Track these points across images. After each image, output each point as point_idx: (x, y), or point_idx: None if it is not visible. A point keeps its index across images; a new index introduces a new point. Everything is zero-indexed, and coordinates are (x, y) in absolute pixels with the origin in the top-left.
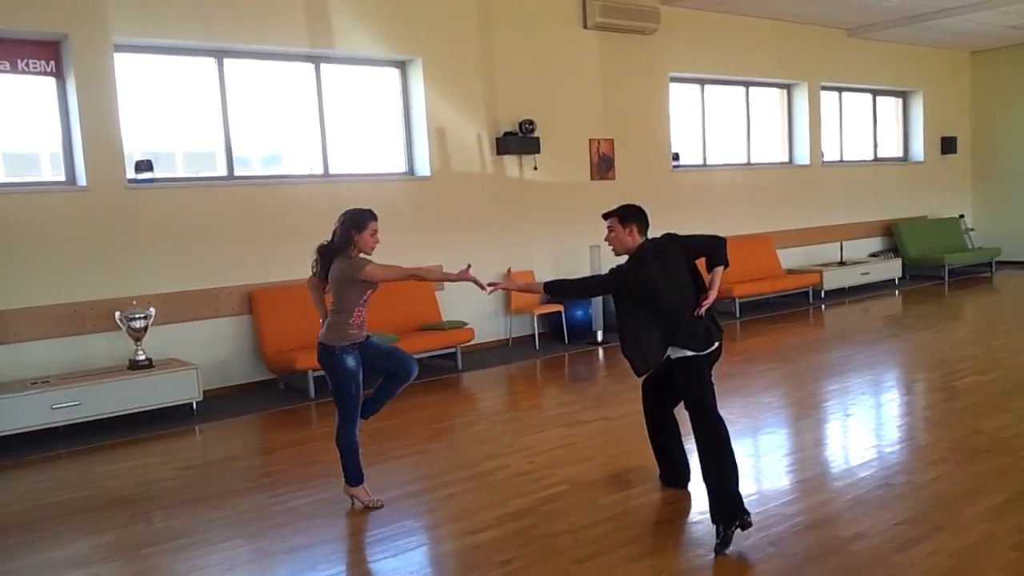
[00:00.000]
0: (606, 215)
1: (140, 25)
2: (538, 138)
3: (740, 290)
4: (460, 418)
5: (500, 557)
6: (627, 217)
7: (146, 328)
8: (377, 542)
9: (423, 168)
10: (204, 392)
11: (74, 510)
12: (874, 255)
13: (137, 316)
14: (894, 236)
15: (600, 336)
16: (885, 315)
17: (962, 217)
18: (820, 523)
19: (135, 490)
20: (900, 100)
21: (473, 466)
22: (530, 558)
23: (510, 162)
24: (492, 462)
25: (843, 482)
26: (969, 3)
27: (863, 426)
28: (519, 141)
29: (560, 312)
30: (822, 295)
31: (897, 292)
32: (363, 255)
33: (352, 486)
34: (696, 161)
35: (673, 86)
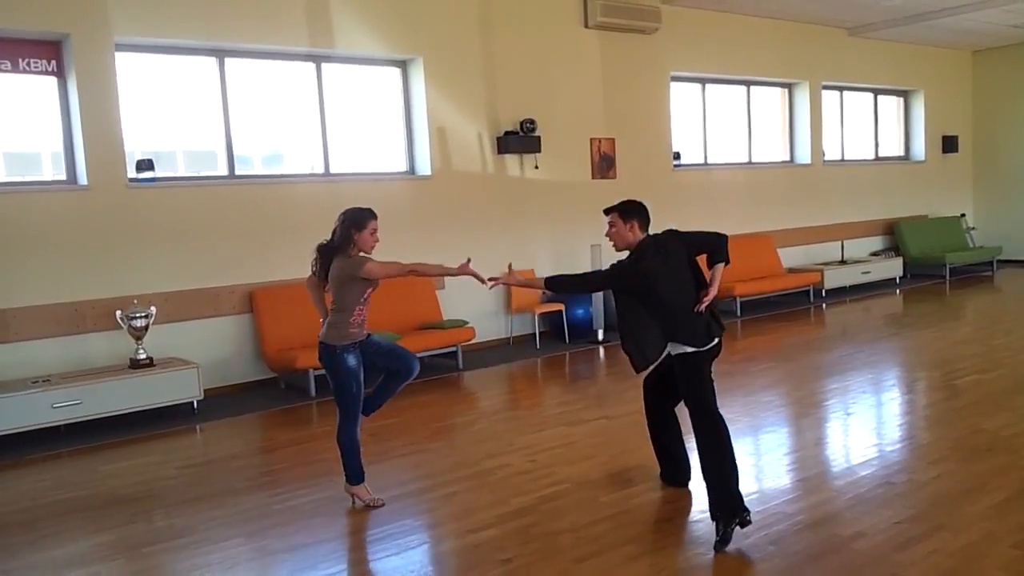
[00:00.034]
0: (607, 210)
1: (141, 24)
2: (539, 137)
3: (741, 289)
4: (461, 417)
5: (501, 556)
6: (628, 213)
7: (147, 327)
8: (378, 540)
9: (424, 167)
10: (205, 391)
11: (75, 509)
12: (875, 254)
13: (138, 315)
14: (895, 235)
15: (601, 335)
16: (886, 314)
17: (963, 216)
18: (821, 522)
19: (136, 489)
20: (901, 99)
21: (474, 465)
22: (531, 557)
23: (511, 161)
24: (493, 461)
25: (844, 481)
26: (970, 2)
27: (864, 425)
28: (520, 140)
29: (561, 311)
30: (823, 294)
31: (898, 291)
32: (363, 254)
33: (353, 485)
34: (697, 160)
35: (674, 85)
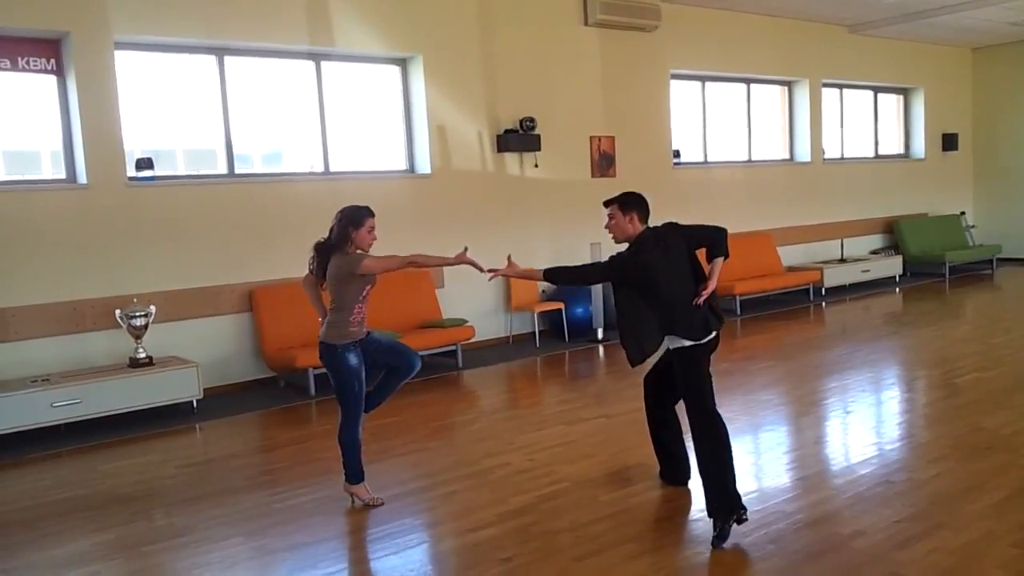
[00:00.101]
0: (607, 202)
1: (141, 23)
2: (539, 135)
3: (741, 287)
4: (460, 416)
5: (500, 555)
6: (628, 204)
7: (146, 326)
8: (378, 540)
9: (424, 166)
10: (204, 390)
11: (75, 508)
12: (875, 252)
13: (137, 314)
14: (895, 233)
15: (600, 334)
16: (886, 312)
17: (963, 214)
18: (820, 520)
19: (136, 488)
20: (901, 97)
21: (473, 464)
22: (530, 556)
23: (511, 159)
24: (492, 460)
25: (843, 479)
26: (970, 0)
27: (863, 423)
28: (520, 138)
29: (560, 310)
30: (823, 292)
31: (898, 289)
32: (360, 252)
33: (352, 484)
34: (697, 158)
35: (674, 83)
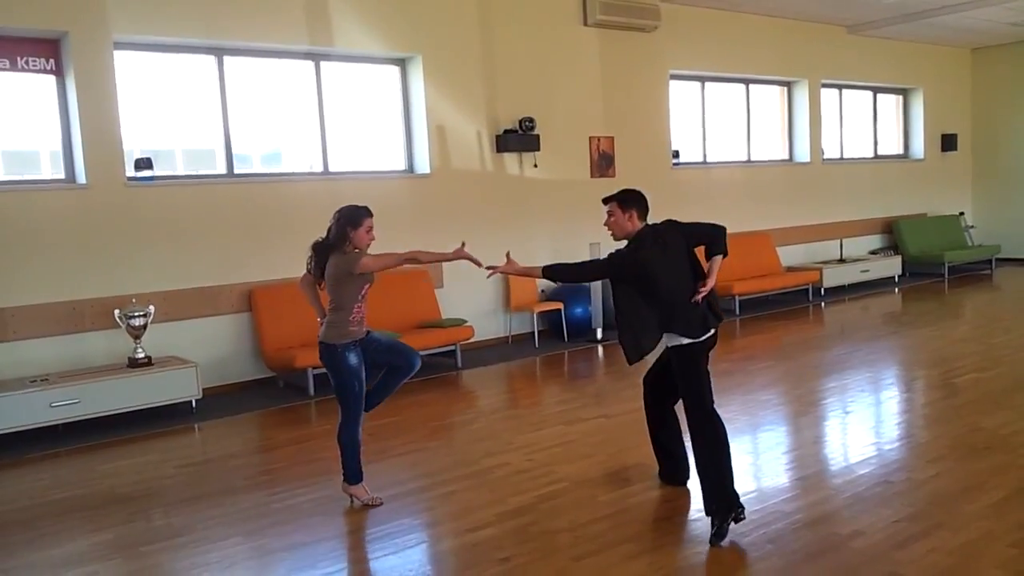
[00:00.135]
0: (606, 199)
1: (140, 23)
2: (538, 135)
3: (740, 287)
4: (459, 416)
5: (499, 555)
6: (627, 202)
7: (145, 326)
8: (377, 540)
9: (423, 166)
10: (203, 390)
11: (73, 508)
12: (874, 252)
13: (136, 314)
14: (894, 233)
15: (600, 334)
16: (885, 312)
17: (962, 214)
18: (819, 520)
19: (134, 488)
20: (900, 97)
21: (472, 464)
22: (529, 556)
23: (510, 160)
24: (491, 460)
25: (842, 479)
26: (970, 0)
27: (862, 423)
28: (519, 139)
29: (560, 310)
30: (822, 292)
31: (897, 289)
32: (358, 251)
33: (351, 484)
34: (696, 158)
35: (673, 83)
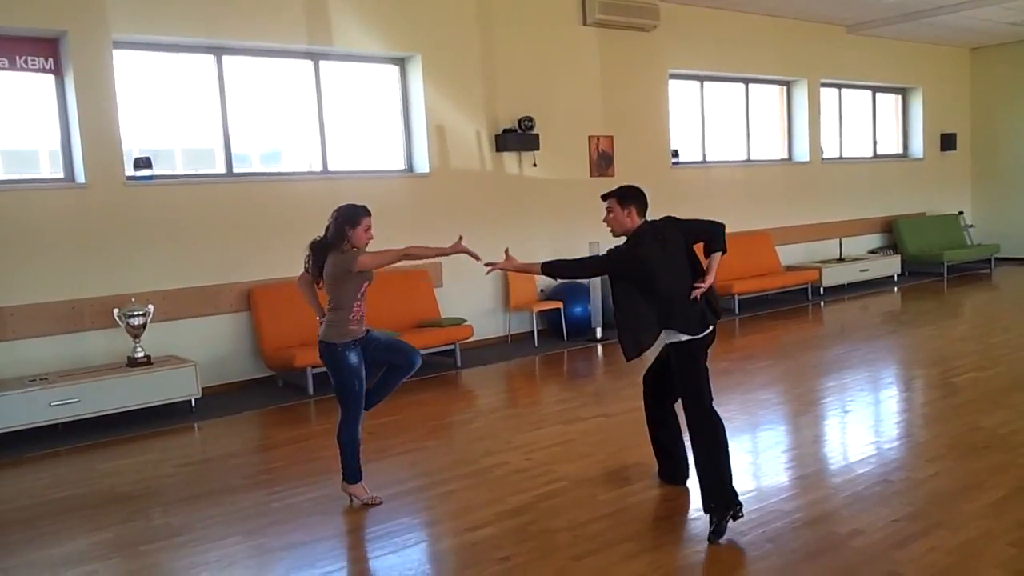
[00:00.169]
0: (605, 196)
1: (139, 22)
2: (537, 135)
3: (739, 287)
4: (459, 415)
5: (499, 554)
6: (626, 198)
7: (145, 325)
8: (376, 539)
9: (422, 165)
10: (203, 389)
11: (73, 507)
12: (873, 252)
13: (136, 313)
14: (893, 233)
15: (599, 333)
16: (884, 312)
17: (961, 214)
18: (818, 519)
19: (134, 487)
20: (900, 97)
21: (472, 463)
22: (529, 555)
23: (509, 159)
24: (491, 459)
25: (841, 478)
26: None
27: (862, 422)
28: (518, 138)
29: (559, 309)
30: (821, 292)
31: (896, 289)
32: (355, 249)
33: (350, 483)
34: (696, 158)
35: (672, 83)
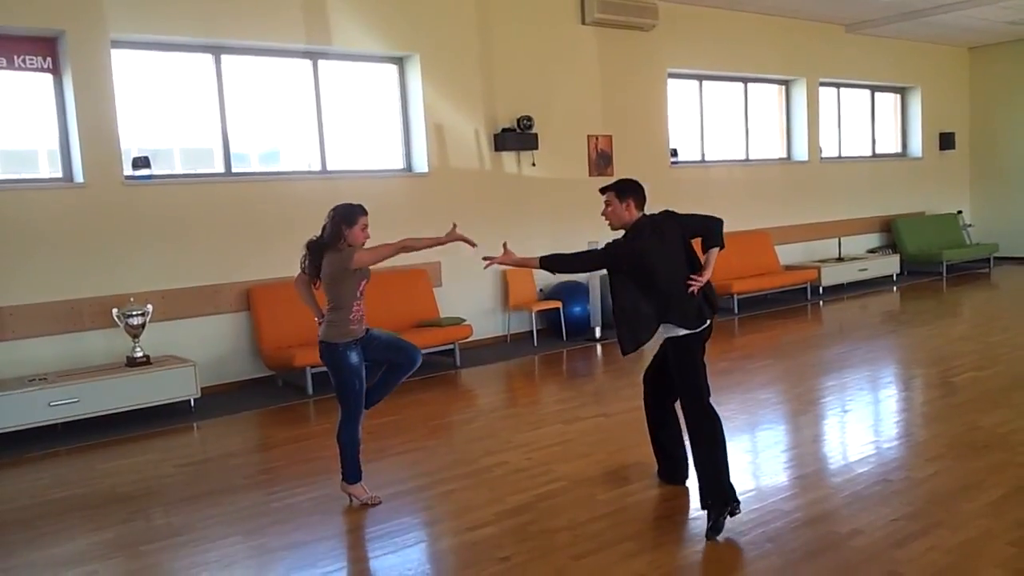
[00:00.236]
0: (603, 189)
1: (137, 21)
2: (536, 134)
3: (738, 286)
4: (458, 415)
5: (499, 553)
6: (624, 191)
7: (144, 325)
8: (376, 538)
9: (421, 164)
10: (202, 389)
11: (73, 507)
12: (872, 251)
13: (135, 313)
14: (892, 232)
15: (598, 332)
16: (883, 311)
17: (960, 213)
18: (818, 519)
19: (134, 487)
20: (898, 96)
21: (471, 462)
22: (528, 554)
23: (508, 158)
24: (490, 458)
25: (841, 478)
26: None
27: (861, 422)
28: (517, 137)
29: (558, 308)
30: (820, 291)
31: (895, 288)
32: (351, 247)
33: (350, 483)
34: (694, 157)
35: (671, 82)
